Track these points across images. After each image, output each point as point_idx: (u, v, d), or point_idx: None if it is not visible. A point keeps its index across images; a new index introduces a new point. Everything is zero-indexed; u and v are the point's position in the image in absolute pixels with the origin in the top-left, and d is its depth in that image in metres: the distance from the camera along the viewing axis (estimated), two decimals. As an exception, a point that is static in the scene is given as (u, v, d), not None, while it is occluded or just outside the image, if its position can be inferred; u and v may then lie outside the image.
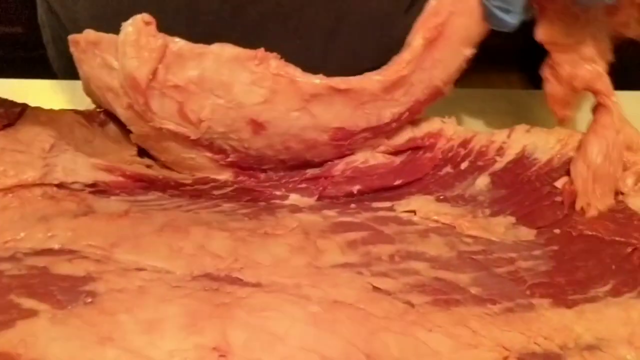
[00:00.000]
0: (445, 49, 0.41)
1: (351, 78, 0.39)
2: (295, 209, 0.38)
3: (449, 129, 0.45)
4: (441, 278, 0.35)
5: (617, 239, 0.40)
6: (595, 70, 0.42)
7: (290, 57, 0.39)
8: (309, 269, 0.33)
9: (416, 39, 0.41)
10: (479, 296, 0.35)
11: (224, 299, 0.30)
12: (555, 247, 0.39)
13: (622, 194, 0.42)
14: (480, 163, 0.44)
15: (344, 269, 0.34)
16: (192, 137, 0.39)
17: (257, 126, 0.40)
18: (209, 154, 0.40)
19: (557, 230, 0.40)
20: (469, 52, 0.42)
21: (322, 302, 0.31)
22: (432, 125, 0.45)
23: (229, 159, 0.41)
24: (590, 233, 0.40)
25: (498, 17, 0.39)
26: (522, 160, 0.44)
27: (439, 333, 0.32)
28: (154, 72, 0.36)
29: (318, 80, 0.39)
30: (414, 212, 0.40)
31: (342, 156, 0.43)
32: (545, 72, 0.44)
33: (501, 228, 0.40)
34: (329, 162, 0.43)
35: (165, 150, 0.41)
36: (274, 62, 0.38)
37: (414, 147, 0.44)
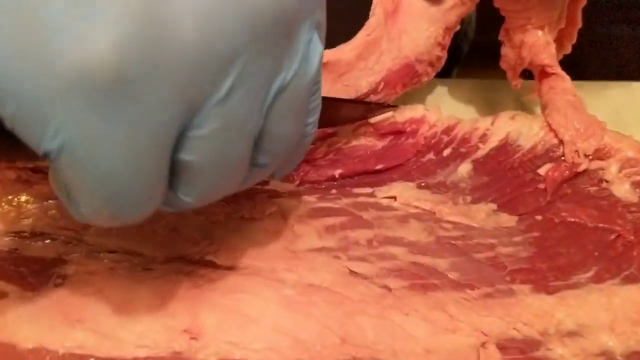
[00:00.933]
0: (406, 20, 0.42)
1: (325, 51, 0.39)
2: (274, 194, 0.38)
3: (432, 116, 0.45)
4: (419, 263, 0.34)
5: (600, 225, 0.39)
6: (541, 39, 0.42)
7: None
8: (285, 253, 0.32)
9: (377, 7, 0.42)
10: (457, 281, 0.34)
11: (197, 281, 0.30)
12: (536, 234, 0.39)
13: (607, 181, 0.42)
14: (462, 150, 0.43)
15: (321, 253, 0.33)
16: None
17: None
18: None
19: (538, 217, 0.39)
20: (432, 29, 0.42)
21: (296, 286, 0.31)
22: (415, 111, 0.45)
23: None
24: (572, 220, 0.39)
25: None
26: (505, 147, 0.43)
27: (416, 317, 0.31)
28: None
29: None
30: (394, 198, 0.39)
31: (325, 136, 0.43)
32: (501, 36, 0.45)
33: (482, 214, 0.39)
34: (312, 145, 0.42)
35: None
36: None
37: (395, 132, 0.44)
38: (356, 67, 0.41)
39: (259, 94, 0.22)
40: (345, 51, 0.41)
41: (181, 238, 0.32)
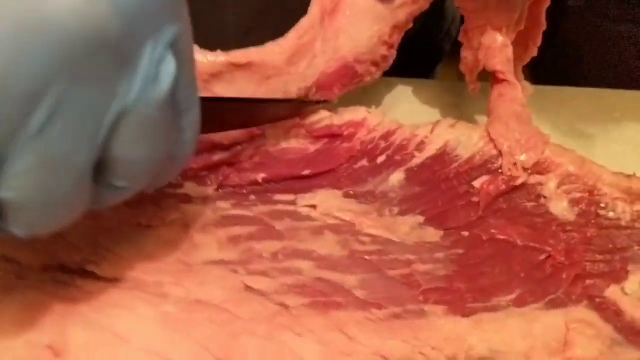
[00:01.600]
0: (346, 20, 0.41)
1: (251, 50, 0.38)
2: (185, 199, 0.36)
3: (374, 120, 0.43)
4: (325, 279, 0.33)
5: (531, 244, 0.37)
6: (498, 41, 0.41)
7: None
8: (177, 266, 0.31)
9: (314, 7, 0.40)
10: (363, 300, 0.32)
11: (72, 293, 0.28)
12: (460, 251, 0.37)
13: (545, 197, 0.40)
14: (397, 158, 0.42)
15: (218, 267, 0.31)
16: None
17: None
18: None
19: (465, 233, 0.37)
20: (377, 27, 0.41)
21: (180, 302, 0.29)
22: (356, 114, 0.43)
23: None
24: (502, 237, 0.37)
25: None
26: (442, 157, 0.41)
27: (309, 338, 0.29)
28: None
29: (215, 58, 0.36)
30: (314, 207, 0.38)
31: (253, 137, 0.41)
32: (461, 37, 0.44)
33: (406, 228, 0.37)
34: (238, 147, 0.41)
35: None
36: None
37: (330, 135, 0.42)
38: (286, 71, 0.39)
39: (86, 124, 0.21)
40: (273, 53, 0.39)
41: (64, 244, 0.30)
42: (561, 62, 0.52)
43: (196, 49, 0.36)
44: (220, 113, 0.35)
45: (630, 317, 0.34)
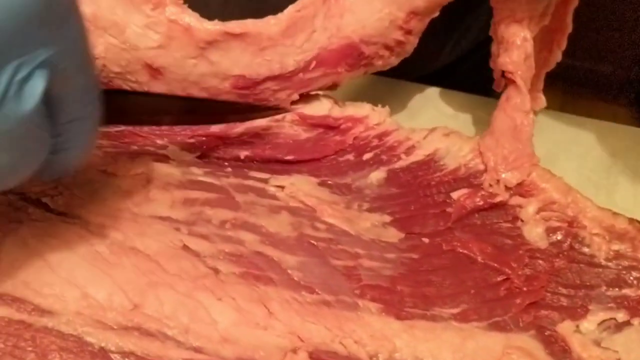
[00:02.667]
0: (354, 0, 0.40)
1: (247, 21, 0.39)
2: (162, 158, 0.38)
3: (375, 118, 0.43)
4: (265, 254, 0.33)
5: (490, 263, 0.36)
6: (518, 34, 0.39)
7: None
8: (123, 213, 0.32)
9: None
10: (297, 281, 0.33)
11: (21, 217, 0.31)
12: (415, 256, 0.36)
13: (522, 220, 0.38)
14: (384, 157, 0.42)
15: (162, 222, 0.33)
16: None
17: (153, 71, 0.39)
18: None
19: (425, 240, 0.37)
20: (387, 10, 0.40)
21: (114, 245, 0.31)
22: (359, 110, 0.44)
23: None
24: (463, 251, 0.37)
25: None
26: (428, 163, 0.41)
27: (227, 304, 0.30)
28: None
29: (212, 26, 0.38)
30: (282, 187, 0.38)
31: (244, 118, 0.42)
32: (491, 31, 0.42)
33: (367, 224, 0.37)
34: (230, 123, 0.42)
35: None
36: (172, 8, 0.38)
37: (325, 126, 0.43)
38: (281, 43, 0.40)
39: None
40: (269, 24, 0.39)
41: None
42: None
43: (195, 17, 0.39)
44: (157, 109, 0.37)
45: (577, 357, 0.33)
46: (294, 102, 0.42)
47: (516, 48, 0.41)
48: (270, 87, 0.41)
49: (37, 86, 0.24)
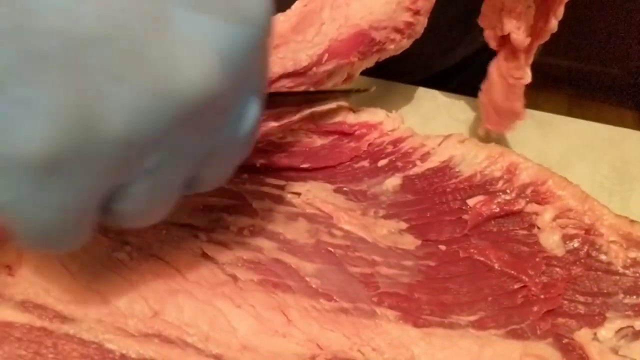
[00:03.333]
0: None
1: None
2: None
3: (390, 124, 0.44)
4: (283, 261, 0.33)
5: (508, 271, 0.36)
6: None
7: None
8: (143, 220, 0.33)
9: None
10: (315, 288, 0.33)
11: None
12: (432, 263, 0.36)
13: (538, 228, 0.38)
14: (399, 164, 0.42)
15: (181, 229, 0.33)
16: None
17: None
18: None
19: (442, 247, 0.37)
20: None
21: (134, 252, 0.31)
22: (373, 116, 0.44)
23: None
24: (480, 258, 0.37)
25: None
26: (443, 170, 0.41)
27: (246, 311, 0.31)
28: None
29: None
30: (299, 194, 0.39)
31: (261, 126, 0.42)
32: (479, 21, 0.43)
33: (384, 230, 0.37)
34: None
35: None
36: None
37: (340, 132, 0.43)
38: (292, 39, 0.40)
39: (187, 160, 0.25)
40: (278, 22, 0.40)
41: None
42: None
43: None
44: None
45: (595, 365, 0.33)
46: (308, 106, 0.43)
47: (522, 15, 0.41)
48: (285, 84, 0.41)
49: (254, 110, 0.26)
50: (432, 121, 0.51)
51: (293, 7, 0.40)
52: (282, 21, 0.39)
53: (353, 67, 0.43)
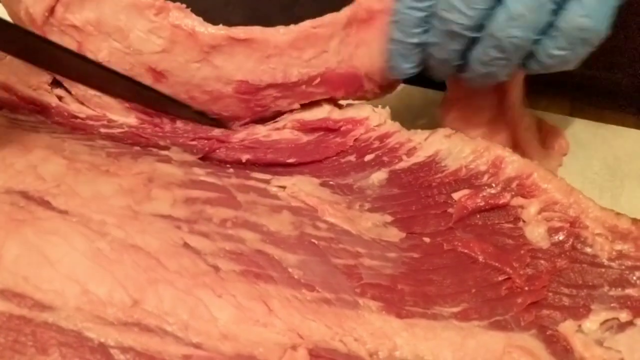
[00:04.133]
0: (374, 36, 0.40)
1: (254, 28, 0.39)
2: (164, 159, 0.38)
3: (376, 119, 0.44)
4: (265, 252, 0.33)
5: (492, 263, 0.36)
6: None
7: None
8: (125, 211, 0.33)
9: (347, 9, 0.40)
10: (297, 279, 0.33)
11: (23, 215, 0.31)
12: (416, 255, 0.36)
13: (524, 221, 0.38)
14: (385, 159, 0.42)
15: (163, 220, 0.33)
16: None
17: (157, 74, 0.40)
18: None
19: (426, 239, 0.37)
20: None
21: (115, 242, 0.31)
22: (360, 112, 0.44)
23: (129, 104, 0.42)
24: (464, 250, 0.37)
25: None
26: (429, 165, 0.41)
27: (227, 301, 0.31)
28: (51, 10, 0.38)
29: (217, 31, 0.39)
30: (284, 187, 0.39)
31: (254, 114, 0.43)
32: None
33: (368, 223, 0.37)
34: (232, 130, 0.43)
35: (74, 85, 0.42)
36: (175, 13, 0.39)
37: (325, 129, 0.43)
38: (287, 53, 0.41)
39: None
40: (277, 33, 0.40)
41: (33, 175, 0.33)
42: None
43: (198, 21, 0.39)
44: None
45: (579, 357, 0.33)
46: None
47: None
48: (272, 94, 0.41)
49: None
50: (420, 118, 0.51)
51: (301, 23, 0.40)
52: (282, 33, 0.39)
53: (335, 98, 0.43)
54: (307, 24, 0.41)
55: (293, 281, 0.33)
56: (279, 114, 0.43)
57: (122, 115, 0.42)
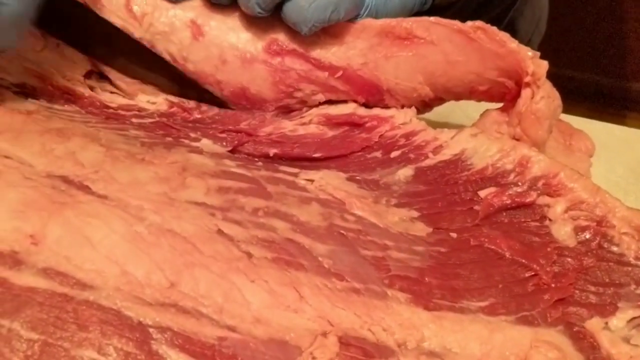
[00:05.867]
0: (406, 58, 0.41)
1: None
2: (196, 150, 0.39)
3: (401, 118, 0.44)
4: (296, 241, 0.34)
5: (519, 259, 0.36)
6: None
7: None
8: (161, 197, 0.33)
9: (384, 20, 0.41)
10: (327, 268, 0.33)
11: (64, 199, 0.32)
12: (443, 249, 0.37)
13: (550, 220, 0.39)
14: (411, 155, 0.42)
15: (198, 207, 0.34)
16: (136, 35, 0.41)
17: (197, 30, 0.41)
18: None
19: (453, 234, 0.37)
20: (424, 90, 0.42)
21: (152, 226, 0.32)
22: (385, 110, 0.45)
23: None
24: (491, 247, 0.37)
25: None
26: (455, 163, 0.42)
27: (260, 286, 0.31)
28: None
29: None
30: (312, 181, 0.39)
31: (279, 97, 0.43)
32: None
33: (395, 218, 0.38)
34: (259, 121, 0.43)
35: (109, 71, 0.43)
36: None
37: (351, 123, 0.44)
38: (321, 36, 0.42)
39: None
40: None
41: (72, 161, 0.34)
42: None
43: None
44: None
45: (605, 353, 0.33)
46: (321, 104, 0.44)
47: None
48: (296, 68, 0.42)
49: None
50: (447, 120, 0.51)
51: (381, 20, 0.41)
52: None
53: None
54: (378, 22, 0.42)
55: (323, 270, 0.33)
56: (303, 105, 0.44)
57: (152, 95, 0.43)
